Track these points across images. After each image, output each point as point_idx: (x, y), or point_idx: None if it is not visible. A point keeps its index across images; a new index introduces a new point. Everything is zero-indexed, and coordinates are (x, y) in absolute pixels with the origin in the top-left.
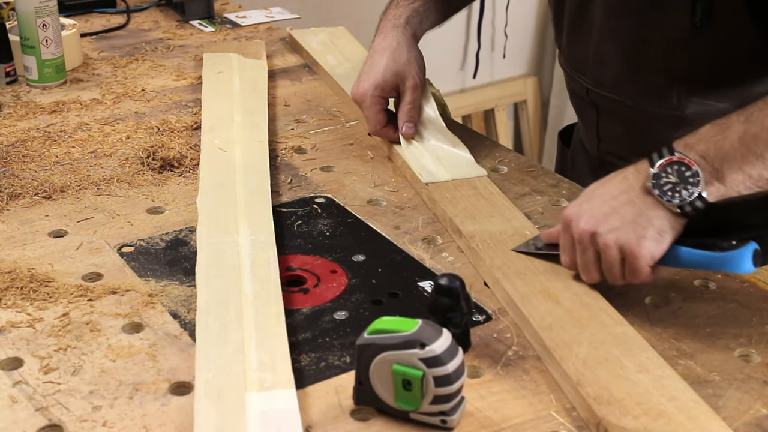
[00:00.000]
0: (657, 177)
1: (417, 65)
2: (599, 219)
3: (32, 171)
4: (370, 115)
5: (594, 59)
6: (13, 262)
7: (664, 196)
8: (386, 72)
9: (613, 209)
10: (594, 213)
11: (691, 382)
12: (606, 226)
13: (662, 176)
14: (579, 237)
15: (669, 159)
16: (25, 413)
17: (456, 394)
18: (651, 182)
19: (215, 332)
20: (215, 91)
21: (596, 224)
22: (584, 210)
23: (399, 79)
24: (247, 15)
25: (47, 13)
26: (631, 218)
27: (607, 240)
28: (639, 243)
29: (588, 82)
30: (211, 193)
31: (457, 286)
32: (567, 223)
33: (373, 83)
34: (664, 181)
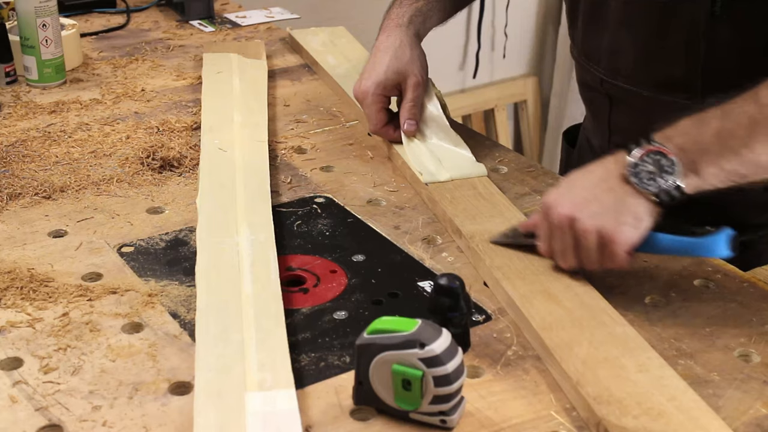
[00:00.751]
0: (635, 166)
1: (419, 63)
2: (579, 205)
3: (32, 171)
4: (370, 114)
5: (609, 49)
6: (13, 262)
7: (641, 183)
8: (388, 70)
9: (593, 196)
10: (574, 199)
11: (691, 382)
12: (585, 212)
13: (640, 165)
14: (558, 222)
15: (648, 148)
16: (25, 413)
17: (456, 394)
18: (629, 170)
19: (215, 332)
20: (215, 91)
21: (575, 210)
22: (564, 197)
23: (401, 78)
24: (247, 15)
25: (47, 13)
26: (610, 205)
27: (586, 225)
28: (617, 229)
29: (602, 72)
30: (211, 193)
31: (457, 286)
32: (546, 210)
33: (375, 81)
34: (641, 169)
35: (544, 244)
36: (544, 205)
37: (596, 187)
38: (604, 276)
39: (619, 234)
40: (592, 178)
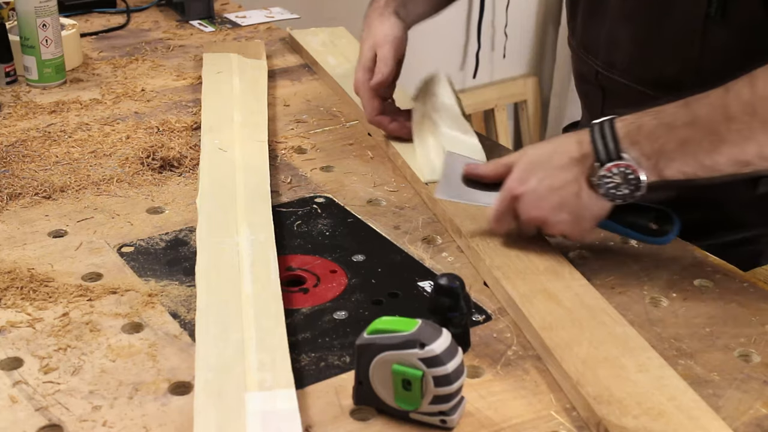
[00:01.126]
0: (603, 178)
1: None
2: (548, 210)
3: (32, 171)
4: (364, 103)
5: (607, 41)
6: (13, 262)
7: (607, 194)
8: (368, 52)
9: (561, 204)
10: (542, 203)
11: (691, 382)
12: (554, 218)
13: (608, 177)
14: (527, 221)
15: (617, 163)
16: (25, 413)
17: (456, 394)
18: (596, 180)
19: (215, 332)
20: (215, 91)
21: (545, 215)
22: (532, 196)
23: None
24: (247, 15)
25: (47, 13)
26: (576, 212)
27: (553, 229)
28: (580, 231)
29: (599, 64)
30: (211, 193)
31: (457, 286)
32: (512, 199)
33: (361, 68)
34: (608, 181)
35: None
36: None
37: (563, 189)
38: (605, 276)
39: (579, 236)
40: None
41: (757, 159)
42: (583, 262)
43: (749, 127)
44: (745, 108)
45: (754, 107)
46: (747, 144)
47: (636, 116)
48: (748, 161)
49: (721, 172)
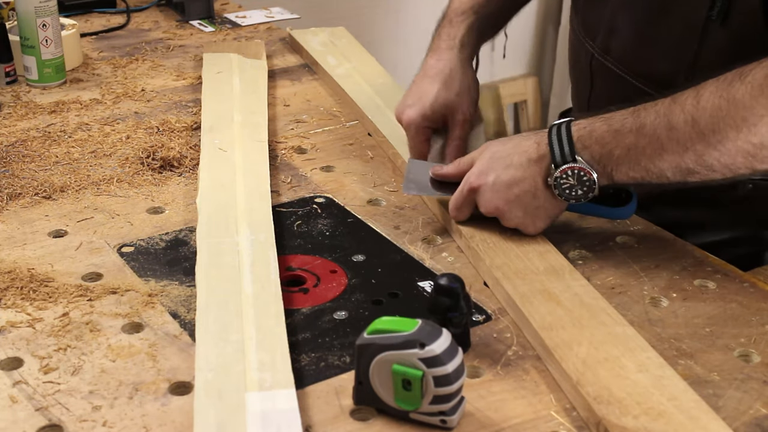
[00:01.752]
0: (558, 179)
1: (469, 96)
2: (504, 205)
3: (32, 171)
4: (414, 145)
5: (607, 25)
6: (12, 262)
7: (563, 195)
8: (436, 102)
9: (518, 199)
10: (500, 197)
11: (691, 382)
12: (510, 214)
13: (562, 178)
14: (485, 213)
15: (571, 166)
16: (25, 413)
17: (456, 394)
18: (551, 181)
19: (215, 332)
20: (215, 91)
21: (501, 209)
22: (490, 190)
23: (449, 111)
24: (247, 15)
25: (47, 13)
26: (531, 210)
27: (509, 224)
28: (534, 228)
29: (595, 48)
30: (211, 193)
31: (457, 286)
32: (473, 190)
33: (421, 112)
34: (564, 182)
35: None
36: (471, 185)
37: (519, 186)
38: (605, 276)
39: (533, 231)
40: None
41: (699, 167)
42: (583, 262)
43: (688, 136)
44: (686, 118)
45: (694, 118)
46: (685, 153)
47: (589, 121)
48: (690, 169)
49: (668, 179)
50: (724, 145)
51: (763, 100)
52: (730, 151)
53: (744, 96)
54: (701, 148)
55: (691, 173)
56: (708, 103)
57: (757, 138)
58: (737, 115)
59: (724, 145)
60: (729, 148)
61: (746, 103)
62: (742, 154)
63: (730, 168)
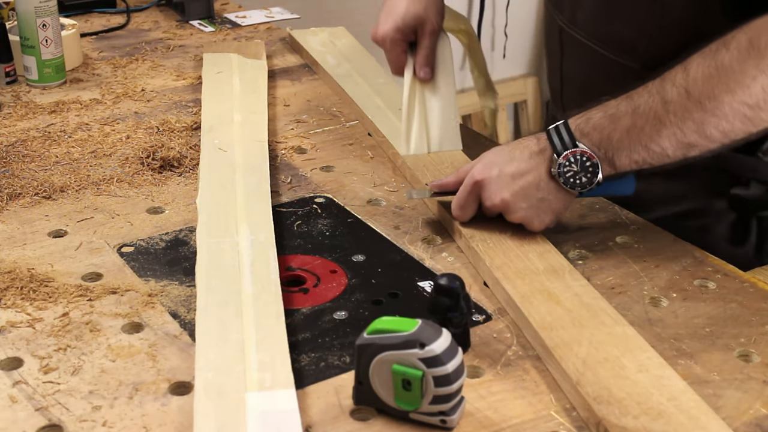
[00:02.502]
0: (562, 166)
1: (435, 9)
2: (509, 197)
3: (32, 171)
4: (391, 58)
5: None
6: (12, 262)
7: (567, 183)
8: (407, 15)
9: (523, 191)
10: (504, 191)
11: (691, 382)
12: (515, 206)
13: (566, 165)
14: (490, 207)
15: (573, 150)
16: (25, 413)
17: (456, 394)
18: (556, 170)
19: (215, 332)
20: (215, 91)
21: (507, 203)
22: (495, 183)
23: (418, 23)
24: (247, 15)
25: (47, 13)
26: (536, 202)
27: (514, 217)
28: (539, 222)
29: (563, 20)
30: (211, 193)
31: (457, 286)
32: (474, 185)
33: (394, 26)
34: (567, 169)
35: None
36: (474, 183)
37: (523, 179)
38: (605, 276)
39: (539, 226)
40: (520, 166)
41: (699, 138)
42: (583, 262)
43: (684, 107)
44: (680, 91)
45: (687, 89)
46: (685, 124)
47: (585, 112)
48: (690, 143)
49: (670, 158)
50: (721, 110)
51: (751, 61)
52: (728, 115)
53: (732, 62)
54: (699, 116)
55: (691, 147)
56: (698, 73)
57: (752, 99)
58: (729, 79)
59: (722, 110)
60: (726, 113)
61: (735, 67)
62: (739, 118)
63: (728, 135)
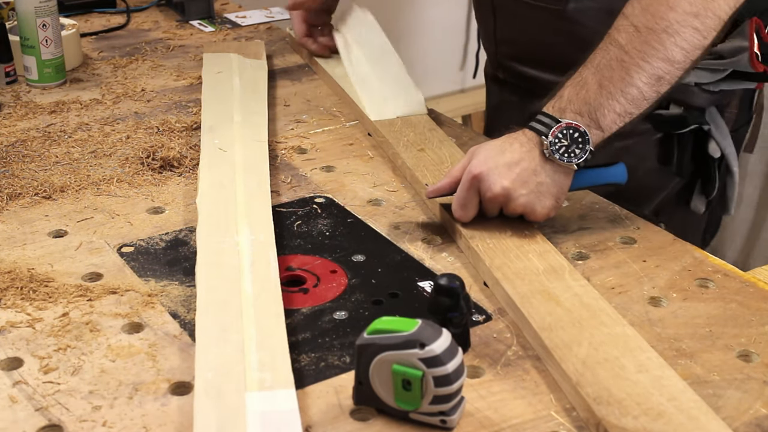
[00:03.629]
0: (552, 144)
1: None
2: (510, 184)
3: (32, 171)
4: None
5: None
6: (12, 262)
7: (563, 159)
8: None
9: (521, 177)
10: (503, 178)
11: (691, 382)
12: (516, 194)
13: (556, 143)
14: (491, 198)
15: (558, 126)
16: (25, 413)
17: (456, 394)
18: (549, 150)
19: (215, 332)
20: (215, 91)
21: (508, 190)
22: (493, 173)
23: None
24: (247, 15)
25: (47, 13)
26: (535, 187)
27: (516, 206)
28: (540, 207)
29: None
30: (210, 193)
31: (457, 286)
32: (475, 178)
33: None
34: (559, 146)
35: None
36: (473, 178)
37: (519, 166)
38: (605, 276)
39: (541, 212)
40: (513, 156)
41: (665, 65)
42: (583, 262)
43: (640, 39)
44: (627, 30)
45: (634, 25)
46: (648, 54)
47: (554, 96)
48: (659, 74)
49: (646, 98)
50: (671, 27)
51: None
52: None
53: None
54: (655, 39)
55: (660, 79)
56: (635, 9)
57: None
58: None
59: (672, 27)
60: (677, 29)
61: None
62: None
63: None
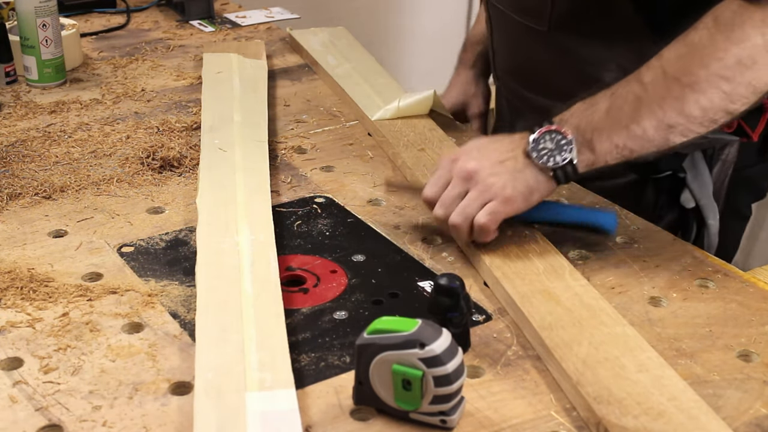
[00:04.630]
0: (536, 142)
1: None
2: (485, 163)
3: (32, 171)
4: None
5: None
6: (12, 262)
7: (540, 159)
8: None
9: (499, 160)
10: (482, 159)
11: (691, 382)
12: (489, 170)
13: (540, 142)
14: (460, 172)
15: (547, 128)
16: (25, 413)
17: (456, 394)
18: (530, 146)
19: (215, 332)
20: (215, 91)
21: (481, 166)
22: (473, 155)
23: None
24: (247, 15)
25: (47, 13)
26: (511, 171)
27: (486, 180)
28: (511, 191)
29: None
30: (211, 193)
31: (457, 286)
32: (452, 160)
33: None
34: (542, 146)
35: (431, 188)
36: (451, 156)
37: (502, 153)
38: (605, 276)
39: (508, 198)
40: (500, 147)
41: (679, 117)
42: (583, 262)
43: (662, 85)
44: (656, 72)
45: (663, 69)
46: (664, 102)
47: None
48: (671, 123)
49: (651, 141)
50: (698, 84)
51: (719, 35)
52: (705, 90)
53: (702, 39)
54: (677, 91)
55: (671, 128)
56: (671, 54)
57: (727, 71)
58: (702, 54)
59: (699, 85)
60: (704, 87)
61: (706, 43)
62: (717, 94)
63: (708, 113)
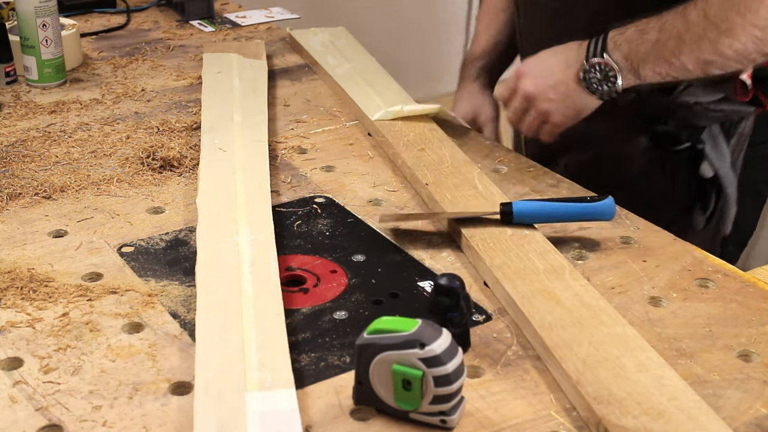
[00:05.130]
0: (587, 72)
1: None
2: (541, 87)
3: (32, 171)
4: None
5: None
6: (12, 262)
7: (590, 87)
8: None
9: (553, 84)
10: (539, 81)
11: (691, 382)
12: (543, 96)
13: (591, 72)
14: (521, 91)
15: (599, 60)
16: (25, 413)
17: (456, 394)
18: (582, 74)
19: (215, 332)
20: (215, 91)
21: (538, 91)
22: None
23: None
24: (247, 15)
25: (47, 13)
26: (562, 98)
27: (541, 107)
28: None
29: None
30: (211, 193)
31: (457, 285)
32: (518, 75)
33: None
34: (592, 76)
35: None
36: (517, 71)
37: (557, 76)
38: (605, 276)
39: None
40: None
41: (714, 56)
42: (583, 262)
43: (702, 27)
44: (699, 13)
45: (705, 11)
46: (702, 43)
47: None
48: (708, 60)
49: (690, 73)
50: (733, 31)
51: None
52: (740, 36)
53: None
54: (714, 36)
55: (708, 64)
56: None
57: (761, 21)
58: (740, 4)
59: (733, 32)
60: (738, 34)
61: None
62: (751, 39)
63: (742, 54)
